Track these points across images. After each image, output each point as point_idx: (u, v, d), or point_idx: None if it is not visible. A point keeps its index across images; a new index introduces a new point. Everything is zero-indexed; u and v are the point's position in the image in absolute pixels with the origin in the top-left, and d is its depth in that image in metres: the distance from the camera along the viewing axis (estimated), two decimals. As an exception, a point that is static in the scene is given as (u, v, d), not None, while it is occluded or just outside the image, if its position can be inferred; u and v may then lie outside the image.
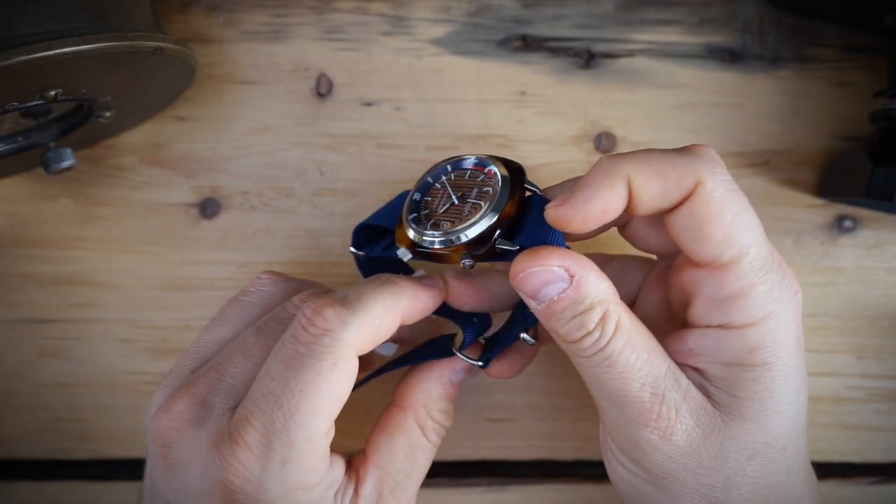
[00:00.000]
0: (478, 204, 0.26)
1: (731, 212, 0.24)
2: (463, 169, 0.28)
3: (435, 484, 0.35)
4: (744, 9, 0.35)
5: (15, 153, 0.31)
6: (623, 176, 0.24)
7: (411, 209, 0.27)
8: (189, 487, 0.25)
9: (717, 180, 0.24)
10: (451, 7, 0.35)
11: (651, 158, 0.24)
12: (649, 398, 0.24)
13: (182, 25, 0.34)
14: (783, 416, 0.24)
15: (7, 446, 0.35)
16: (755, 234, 0.24)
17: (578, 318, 0.24)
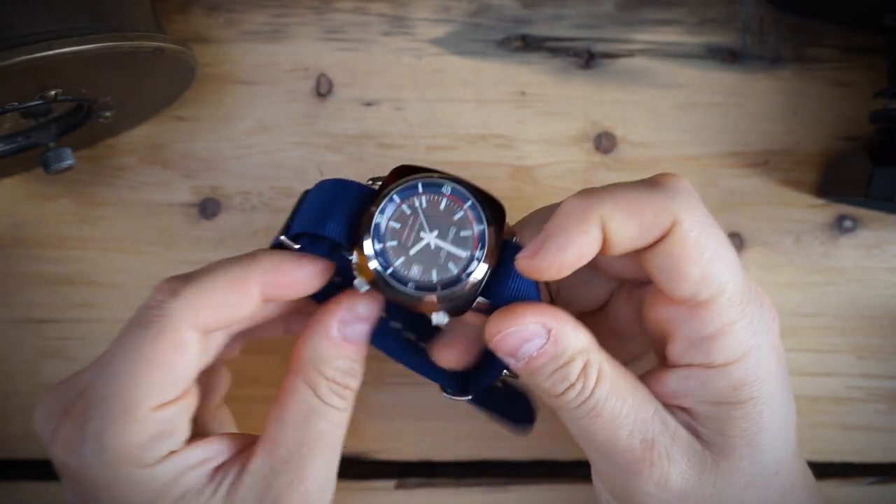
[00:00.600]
0: (457, 255, 0.24)
1: (709, 249, 0.23)
2: (438, 194, 0.25)
3: (435, 484, 0.35)
4: (744, 9, 0.35)
5: (15, 153, 0.31)
6: (596, 219, 0.23)
7: (375, 234, 0.24)
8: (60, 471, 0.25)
9: (693, 218, 0.23)
10: (451, 7, 0.35)
11: (625, 198, 0.23)
12: (639, 445, 0.24)
13: (182, 25, 0.34)
14: (773, 446, 0.24)
15: (8, 446, 0.35)
16: (732, 269, 0.23)
17: (560, 372, 0.24)
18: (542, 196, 0.35)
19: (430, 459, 0.35)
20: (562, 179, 0.35)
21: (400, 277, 0.24)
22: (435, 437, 0.35)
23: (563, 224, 0.23)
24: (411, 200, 0.24)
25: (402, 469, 0.35)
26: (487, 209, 0.24)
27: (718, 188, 0.35)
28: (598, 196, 0.23)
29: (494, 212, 0.25)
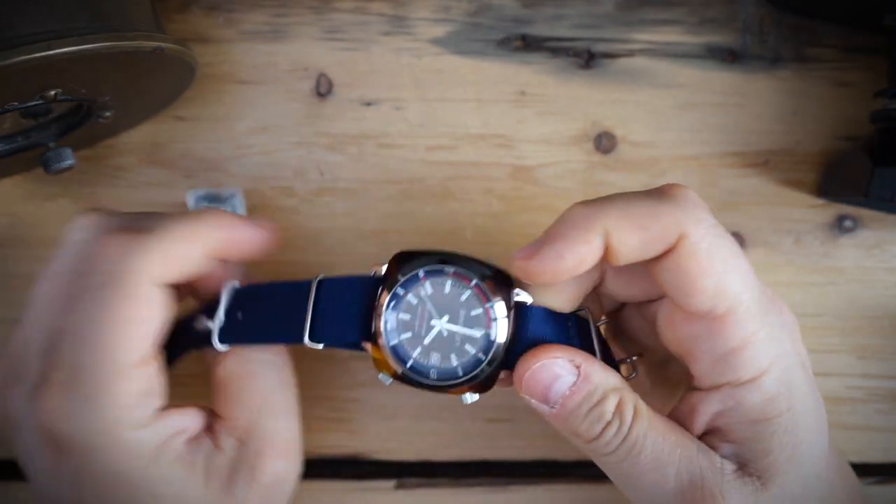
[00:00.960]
0: (472, 336, 0.24)
1: (721, 260, 0.22)
2: (441, 277, 0.24)
3: (435, 484, 0.35)
4: (744, 9, 0.35)
5: (15, 153, 0.31)
6: (600, 229, 0.23)
7: (387, 330, 0.24)
8: (27, 446, 0.25)
9: (702, 229, 0.22)
10: (451, 7, 0.35)
11: (631, 209, 0.23)
12: (689, 486, 0.23)
13: (182, 25, 0.34)
14: (811, 454, 0.24)
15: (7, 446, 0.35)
16: (747, 279, 0.23)
17: (595, 411, 0.23)
18: (542, 196, 0.35)
19: (430, 459, 0.35)
20: (562, 179, 0.35)
21: (420, 370, 0.24)
22: (435, 437, 0.35)
23: (565, 230, 0.23)
24: (416, 290, 0.24)
25: (402, 469, 0.35)
26: (493, 282, 0.24)
27: (718, 188, 0.35)
28: (602, 205, 0.23)
29: (501, 283, 0.24)
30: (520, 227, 0.35)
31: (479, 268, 0.24)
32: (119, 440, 0.23)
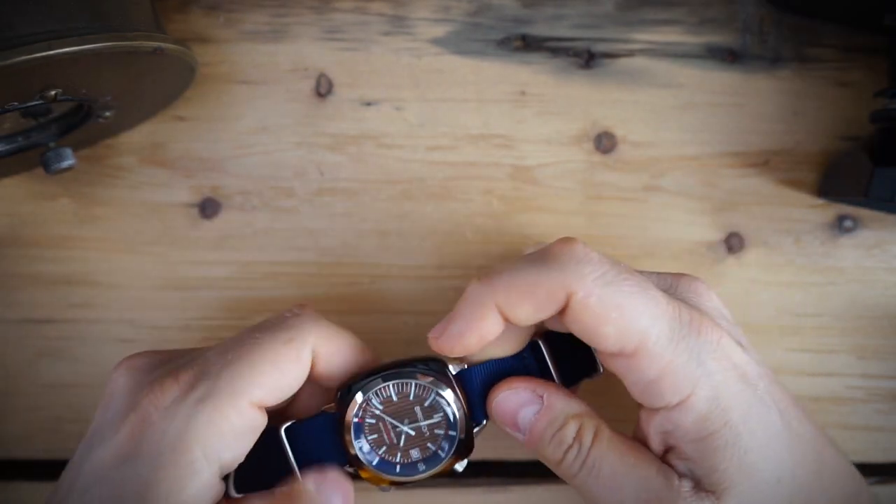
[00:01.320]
0: (437, 423, 0.27)
1: (616, 307, 0.24)
2: (384, 391, 0.27)
3: (435, 484, 0.35)
4: (744, 9, 0.35)
5: (15, 153, 0.31)
6: (492, 306, 0.25)
7: (364, 454, 0.27)
8: (111, 412, 0.25)
9: (587, 285, 0.24)
10: (451, 7, 0.35)
11: (515, 281, 0.24)
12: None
13: (182, 25, 0.34)
14: (766, 458, 0.24)
15: (7, 446, 0.35)
16: (652, 312, 0.24)
17: (557, 436, 0.26)
18: (542, 196, 0.35)
19: (430, 459, 0.35)
20: (562, 179, 0.35)
21: (409, 471, 0.27)
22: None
23: (462, 310, 0.25)
24: (369, 412, 0.27)
25: (402, 469, 0.35)
26: (426, 372, 0.27)
27: (718, 188, 0.35)
28: (492, 283, 0.25)
29: (434, 368, 0.27)
30: (520, 227, 0.35)
31: (409, 368, 0.27)
32: (186, 457, 0.23)
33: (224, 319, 0.35)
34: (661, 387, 0.24)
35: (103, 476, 0.24)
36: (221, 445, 0.24)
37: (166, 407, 0.24)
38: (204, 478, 0.24)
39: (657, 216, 0.35)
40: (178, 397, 0.24)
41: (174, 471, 0.23)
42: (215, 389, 0.24)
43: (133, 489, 0.23)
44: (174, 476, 0.23)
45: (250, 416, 0.24)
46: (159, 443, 0.23)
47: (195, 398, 0.24)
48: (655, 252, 0.35)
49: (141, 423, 0.24)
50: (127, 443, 0.24)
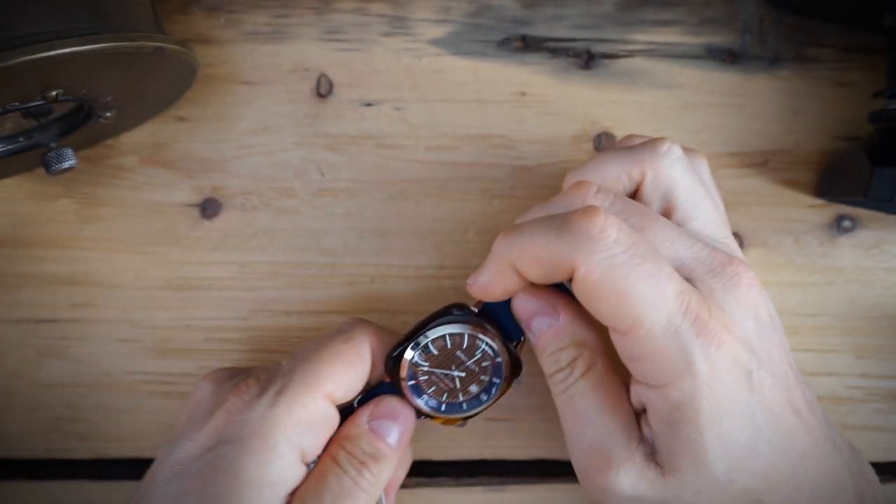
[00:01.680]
0: (480, 358, 0.29)
1: (614, 291, 0.24)
2: (424, 347, 0.29)
3: (435, 484, 0.35)
4: (744, 9, 0.35)
5: (16, 153, 0.31)
6: (508, 263, 0.26)
7: (433, 407, 0.29)
8: (198, 413, 0.28)
9: (592, 262, 0.24)
10: (451, 7, 0.35)
11: (529, 245, 0.25)
12: (596, 451, 0.26)
13: (183, 26, 0.34)
14: (724, 459, 0.24)
15: (7, 446, 0.35)
16: (651, 302, 0.24)
17: (555, 355, 0.27)
18: (541, 197, 0.35)
19: (430, 459, 0.35)
20: (562, 179, 0.35)
21: (475, 405, 0.29)
22: (434, 436, 0.35)
23: (487, 265, 0.27)
24: (418, 371, 0.29)
25: (403, 469, 0.35)
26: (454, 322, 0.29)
27: (718, 188, 0.35)
28: (510, 242, 0.26)
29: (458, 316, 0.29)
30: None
31: (437, 322, 0.29)
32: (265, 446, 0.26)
33: (225, 319, 0.35)
34: (643, 368, 0.25)
35: (189, 464, 0.26)
36: (300, 432, 0.26)
37: (249, 400, 0.27)
38: (287, 461, 0.26)
39: (657, 216, 0.35)
40: (259, 392, 0.27)
41: (259, 454, 0.26)
42: (291, 383, 0.27)
43: (219, 473, 0.25)
44: (259, 460, 0.26)
45: (323, 406, 0.27)
46: (243, 430, 0.26)
47: (274, 391, 0.27)
48: (655, 252, 0.35)
49: (226, 416, 0.27)
50: (213, 434, 0.26)
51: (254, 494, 0.25)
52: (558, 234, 0.24)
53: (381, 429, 0.29)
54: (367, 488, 0.27)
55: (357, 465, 0.27)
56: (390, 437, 0.28)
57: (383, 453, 0.28)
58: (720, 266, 0.26)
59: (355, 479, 0.27)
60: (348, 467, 0.27)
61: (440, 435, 0.35)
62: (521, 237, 0.26)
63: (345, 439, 0.28)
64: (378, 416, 0.29)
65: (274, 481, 0.26)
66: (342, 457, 0.28)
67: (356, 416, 0.29)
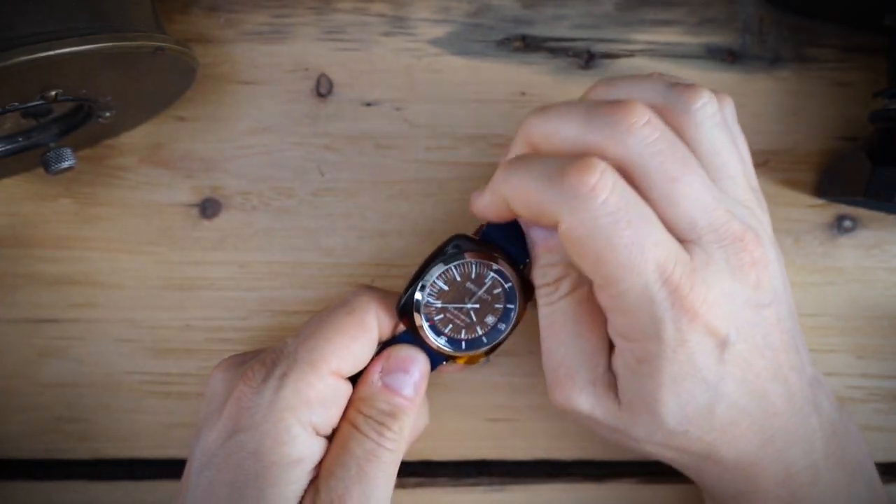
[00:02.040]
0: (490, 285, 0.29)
1: (594, 251, 0.24)
2: (432, 286, 0.29)
3: (435, 484, 0.35)
4: (744, 9, 0.35)
5: (15, 153, 0.31)
6: (502, 196, 0.26)
7: (454, 345, 0.29)
8: (213, 403, 0.28)
9: (576, 220, 0.24)
10: (451, 7, 0.35)
11: (523, 185, 0.25)
12: (564, 372, 0.27)
13: (183, 26, 0.34)
14: (676, 415, 0.25)
15: (7, 446, 0.35)
16: (628, 268, 0.23)
17: (545, 269, 0.27)
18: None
19: (429, 459, 0.35)
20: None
21: (494, 337, 0.29)
22: (434, 436, 0.35)
23: (487, 191, 0.27)
24: (433, 311, 0.29)
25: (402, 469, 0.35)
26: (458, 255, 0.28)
27: (718, 188, 0.35)
28: (507, 175, 0.26)
29: (459, 248, 0.29)
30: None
31: (440, 258, 0.29)
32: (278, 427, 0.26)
33: (224, 319, 0.35)
34: (615, 319, 0.25)
35: (213, 455, 0.26)
36: (310, 411, 0.26)
37: (256, 386, 0.27)
38: (304, 440, 0.26)
39: (657, 216, 0.35)
40: (265, 376, 0.27)
41: (274, 437, 0.26)
42: (295, 363, 0.27)
43: (244, 460, 0.26)
44: (276, 442, 0.26)
45: (332, 382, 0.27)
46: (254, 417, 0.26)
47: (279, 374, 0.27)
48: (655, 252, 0.35)
49: (237, 404, 0.27)
50: (228, 423, 0.27)
51: (282, 474, 0.26)
52: (549, 184, 0.24)
53: (396, 383, 0.28)
54: (391, 446, 0.27)
55: (377, 426, 0.27)
56: (406, 389, 0.28)
57: (401, 407, 0.28)
58: (730, 239, 0.25)
59: (378, 441, 0.27)
60: (368, 430, 0.27)
61: (440, 435, 0.35)
62: (516, 176, 0.25)
63: (360, 401, 0.28)
64: (389, 371, 0.28)
65: (296, 459, 0.26)
66: (360, 421, 0.27)
67: (368, 374, 0.28)
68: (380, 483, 0.27)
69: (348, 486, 0.26)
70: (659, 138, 0.24)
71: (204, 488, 0.26)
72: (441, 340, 0.29)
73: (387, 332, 0.29)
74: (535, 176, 0.25)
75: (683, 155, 0.25)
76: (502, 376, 0.35)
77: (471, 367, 0.31)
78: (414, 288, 0.28)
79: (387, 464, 0.27)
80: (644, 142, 0.24)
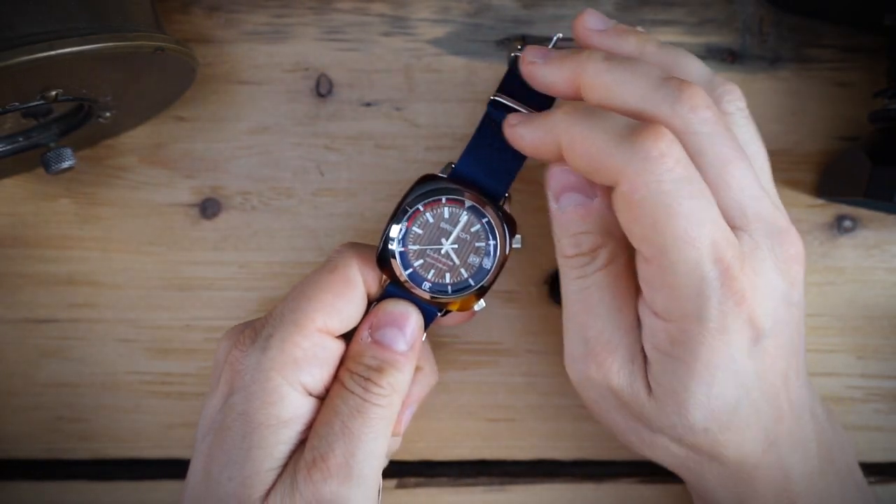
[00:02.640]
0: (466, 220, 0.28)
1: (652, 216, 0.23)
2: (411, 237, 0.28)
3: (435, 484, 0.35)
4: (744, 9, 0.35)
5: (15, 153, 0.31)
6: (555, 139, 0.25)
7: (440, 290, 0.28)
8: (216, 372, 0.28)
9: (639, 181, 0.23)
10: (450, 7, 0.35)
11: (588, 136, 0.24)
12: (603, 343, 0.26)
13: (183, 26, 0.34)
14: (704, 409, 0.25)
15: (7, 446, 0.35)
16: (685, 239, 0.23)
17: (578, 237, 0.26)
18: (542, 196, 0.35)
19: (430, 459, 0.35)
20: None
21: (479, 275, 0.28)
22: (435, 437, 0.35)
23: (535, 124, 0.26)
24: (412, 256, 0.28)
25: (402, 469, 0.35)
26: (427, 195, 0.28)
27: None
28: (571, 122, 0.24)
29: (429, 188, 0.28)
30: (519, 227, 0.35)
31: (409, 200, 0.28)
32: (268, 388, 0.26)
33: (224, 319, 0.35)
34: (656, 296, 0.24)
35: (213, 420, 0.27)
36: (297, 370, 0.26)
37: (245, 350, 0.27)
38: (293, 400, 0.26)
39: (657, 216, 0.35)
40: (254, 339, 0.27)
41: (264, 397, 0.26)
42: (280, 324, 0.27)
43: (235, 422, 0.26)
44: (265, 402, 0.26)
45: (319, 340, 0.27)
46: (244, 378, 0.26)
47: (265, 335, 0.26)
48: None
49: (230, 368, 0.27)
50: (225, 388, 0.27)
51: (269, 435, 0.26)
52: (619, 142, 0.23)
53: (386, 338, 0.27)
54: (380, 402, 0.26)
55: (363, 381, 0.26)
56: (397, 344, 0.27)
57: (391, 362, 0.27)
58: (777, 231, 0.25)
59: (363, 397, 0.26)
60: (353, 386, 0.26)
61: (440, 435, 0.35)
62: (583, 126, 0.24)
63: (349, 359, 0.27)
64: (379, 326, 0.27)
65: (286, 419, 0.26)
66: (346, 377, 0.27)
67: (358, 331, 0.28)
68: (366, 440, 0.26)
69: (331, 444, 0.25)
70: (717, 123, 0.25)
71: (203, 454, 0.26)
72: (425, 287, 0.28)
73: (374, 287, 0.28)
74: (604, 129, 0.24)
75: (735, 142, 0.25)
76: (502, 376, 0.35)
77: (468, 317, 0.30)
78: (386, 236, 0.28)
79: (374, 420, 0.26)
80: (704, 123, 0.24)
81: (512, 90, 0.28)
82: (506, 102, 0.28)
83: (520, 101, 0.28)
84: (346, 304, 0.27)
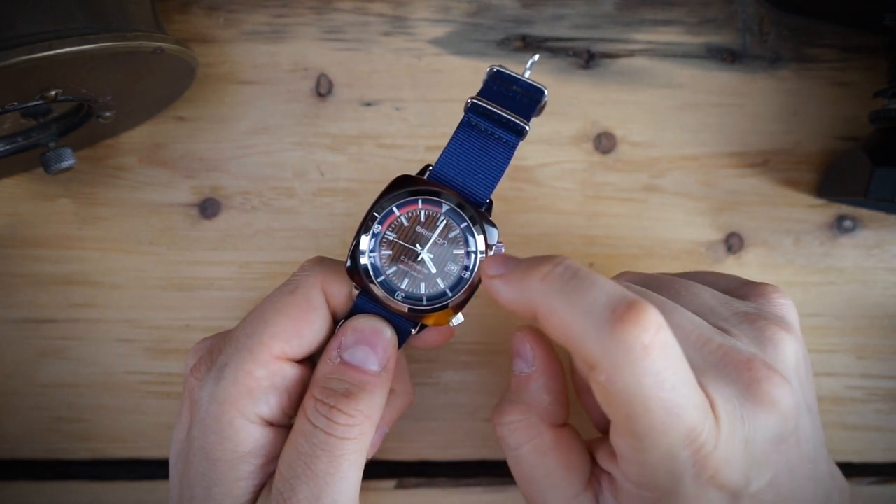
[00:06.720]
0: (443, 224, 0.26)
1: (628, 406, 0.21)
2: (385, 242, 0.26)
3: (435, 484, 0.35)
4: (744, 9, 0.35)
5: (15, 153, 0.31)
6: (532, 306, 0.22)
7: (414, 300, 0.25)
8: (183, 392, 0.27)
9: (618, 375, 0.21)
10: (450, 7, 0.35)
11: (566, 312, 0.22)
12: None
13: (183, 26, 0.34)
14: None
15: (7, 446, 0.35)
16: (660, 430, 0.21)
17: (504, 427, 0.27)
18: (542, 196, 0.35)
19: (429, 459, 0.35)
20: (562, 179, 0.35)
21: (457, 285, 0.26)
22: (434, 437, 0.35)
23: (515, 282, 0.23)
24: (383, 261, 0.26)
25: (402, 469, 0.35)
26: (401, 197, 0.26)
27: (718, 188, 0.35)
28: (547, 292, 0.22)
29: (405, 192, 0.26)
30: (520, 227, 0.35)
31: (381, 205, 0.26)
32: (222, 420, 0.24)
33: (224, 319, 0.35)
34: (628, 467, 0.24)
35: (179, 451, 0.26)
36: (253, 402, 0.24)
37: (201, 378, 0.25)
38: (249, 432, 0.24)
39: (657, 216, 0.35)
40: (209, 367, 0.25)
41: (220, 431, 0.24)
42: (235, 352, 0.25)
43: (196, 455, 0.25)
44: (221, 437, 0.24)
45: (276, 368, 0.25)
46: (200, 411, 0.25)
47: (220, 365, 0.25)
48: (655, 252, 0.35)
49: (188, 398, 0.26)
50: (185, 418, 0.26)
51: (227, 471, 0.24)
52: (599, 326, 0.21)
53: (356, 358, 0.25)
54: (348, 434, 0.24)
55: (328, 411, 0.24)
56: (368, 364, 0.25)
57: (363, 385, 0.24)
58: (746, 373, 0.24)
59: (328, 431, 0.24)
60: (318, 419, 0.24)
61: (440, 435, 0.35)
62: (561, 299, 0.22)
63: (315, 384, 0.25)
64: (348, 345, 0.25)
65: (244, 454, 0.24)
66: (310, 408, 0.24)
67: (326, 351, 0.25)
68: (332, 482, 0.23)
69: (294, 488, 0.23)
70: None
71: (176, 482, 0.26)
72: (398, 297, 0.25)
73: (342, 305, 0.26)
74: (583, 308, 0.21)
75: None
76: (502, 376, 0.35)
77: (446, 336, 0.27)
78: (358, 240, 0.25)
79: (341, 459, 0.24)
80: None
81: (491, 96, 0.27)
82: (486, 105, 0.26)
83: (499, 105, 0.26)
84: (306, 327, 0.25)
